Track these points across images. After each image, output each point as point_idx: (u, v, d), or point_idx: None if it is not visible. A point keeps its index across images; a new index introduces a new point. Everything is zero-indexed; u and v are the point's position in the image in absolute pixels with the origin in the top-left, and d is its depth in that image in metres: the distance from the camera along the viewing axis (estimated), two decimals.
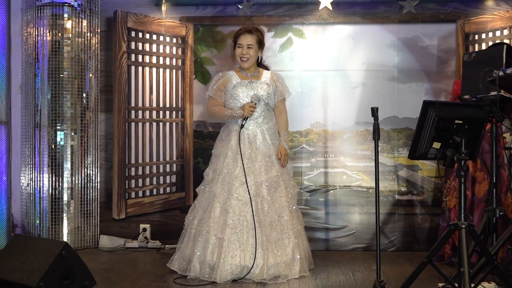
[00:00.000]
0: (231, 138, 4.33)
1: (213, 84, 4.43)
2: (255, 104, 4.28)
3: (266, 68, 4.53)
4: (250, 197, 4.13)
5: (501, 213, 3.67)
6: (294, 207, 4.35)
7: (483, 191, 4.35)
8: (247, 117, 4.27)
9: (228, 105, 4.39)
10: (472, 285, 3.15)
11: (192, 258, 4.14)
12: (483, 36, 5.23)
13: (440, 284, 3.67)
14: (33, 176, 5.23)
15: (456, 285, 3.20)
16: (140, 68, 5.45)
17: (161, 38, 5.48)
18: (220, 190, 4.21)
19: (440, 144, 3.21)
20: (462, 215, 3.22)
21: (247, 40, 4.36)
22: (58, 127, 5.20)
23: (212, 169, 4.35)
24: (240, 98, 4.34)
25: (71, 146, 5.22)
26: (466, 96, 3.87)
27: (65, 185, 5.20)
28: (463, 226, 3.17)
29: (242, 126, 4.27)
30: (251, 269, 4.02)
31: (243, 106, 4.29)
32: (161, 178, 5.51)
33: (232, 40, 4.48)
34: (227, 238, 4.07)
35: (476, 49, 5.19)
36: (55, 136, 5.20)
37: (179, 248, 4.33)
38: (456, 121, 3.20)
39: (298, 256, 4.18)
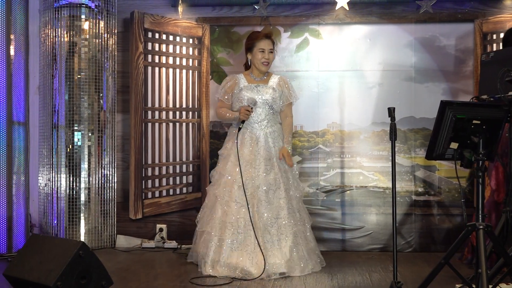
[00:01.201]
0: (235, 141, 4.45)
1: (222, 87, 4.60)
2: (251, 108, 4.38)
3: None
4: (246, 200, 4.25)
5: None
6: (296, 208, 4.44)
7: None
8: (244, 121, 4.38)
9: (234, 107, 4.53)
10: (490, 286, 3.12)
11: (199, 255, 4.39)
12: (501, 35, 5.15)
13: (458, 285, 3.64)
14: (51, 176, 5.27)
15: (474, 286, 3.16)
16: (156, 69, 5.47)
17: (178, 38, 5.49)
18: (222, 192, 4.39)
19: (457, 144, 3.18)
20: (480, 216, 3.19)
21: (269, 45, 4.48)
22: (75, 128, 5.23)
23: (218, 171, 4.53)
24: (245, 101, 4.46)
25: (88, 146, 5.25)
26: (484, 96, 3.83)
27: (82, 185, 5.23)
28: (481, 227, 3.14)
29: (239, 129, 4.39)
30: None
31: (239, 109, 4.41)
32: (178, 178, 5.52)
33: (247, 43, 4.53)
34: (226, 238, 4.25)
35: (494, 49, 5.14)
36: (73, 137, 5.23)
37: (193, 243, 4.60)
38: (474, 121, 3.16)
39: (298, 256, 4.29)
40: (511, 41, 4.16)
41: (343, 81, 5.39)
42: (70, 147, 5.23)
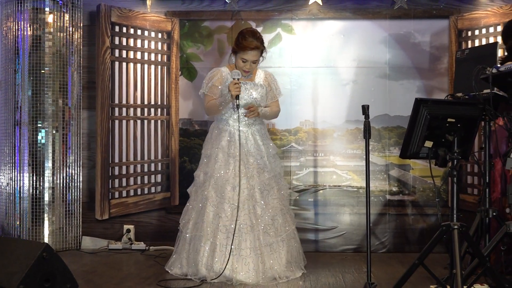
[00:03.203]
0: (222, 139, 4.29)
1: (207, 82, 4.36)
2: (238, 79, 4.17)
3: None
4: (238, 202, 4.10)
5: (494, 214, 3.67)
6: (286, 208, 4.37)
7: None
8: (238, 96, 4.16)
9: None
10: (465, 287, 3.15)
11: (190, 262, 4.16)
12: (476, 32, 5.18)
13: (432, 286, 3.67)
14: (13, 175, 5.16)
15: (448, 287, 3.19)
16: (124, 64, 5.39)
17: (146, 33, 5.41)
18: (213, 194, 4.20)
19: (432, 143, 3.20)
20: (454, 215, 3.21)
21: (254, 56, 4.27)
22: (39, 125, 5.12)
23: (203, 171, 4.32)
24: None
25: (53, 144, 5.14)
26: (459, 94, 3.84)
27: (46, 184, 5.12)
28: (455, 227, 3.17)
29: (237, 106, 4.17)
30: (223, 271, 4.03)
31: (227, 87, 4.20)
32: (146, 177, 5.45)
33: (234, 45, 4.33)
34: (219, 242, 4.08)
35: (469, 46, 5.16)
36: (36, 134, 5.12)
37: (175, 251, 4.34)
38: (449, 120, 3.18)
39: (293, 257, 4.23)
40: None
41: (317, 78, 5.35)
42: (34, 145, 5.13)
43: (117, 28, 5.34)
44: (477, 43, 5.13)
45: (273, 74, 4.54)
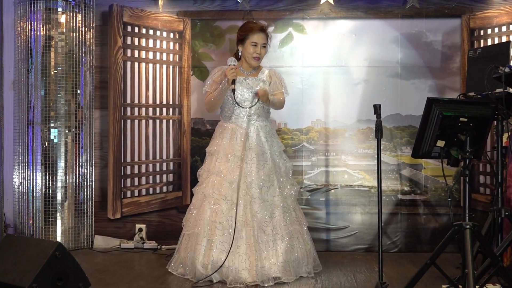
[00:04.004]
0: (224, 136, 4.29)
1: (209, 79, 4.37)
2: (234, 65, 4.14)
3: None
4: (237, 198, 4.07)
5: (507, 213, 3.63)
6: (292, 207, 4.26)
7: None
8: (234, 81, 4.13)
9: (224, 101, 4.30)
10: (477, 287, 3.13)
11: (187, 260, 4.14)
12: (489, 31, 5.15)
13: (444, 286, 3.65)
14: (26, 174, 5.17)
15: (460, 287, 3.18)
16: (136, 64, 5.39)
17: (158, 33, 5.41)
18: (211, 190, 4.17)
19: (444, 142, 3.18)
20: (467, 215, 3.19)
21: (263, 39, 4.28)
22: (51, 125, 5.14)
23: (206, 169, 4.31)
24: (231, 94, 4.23)
25: (65, 144, 5.16)
26: (471, 93, 3.81)
27: (59, 184, 5.13)
28: (467, 226, 3.15)
29: (233, 91, 4.15)
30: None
31: (224, 73, 4.18)
32: (158, 177, 5.44)
33: (239, 34, 4.34)
34: (216, 239, 4.04)
35: (482, 45, 5.12)
36: (49, 134, 5.13)
37: (177, 250, 4.33)
38: (461, 119, 3.16)
39: (294, 258, 4.12)
40: None
41: (328, 77, 5.33)
42: (46, 144, 5.14)
43: (129, 28, 5.34)
44: (489, 42, 5.09)
45: (284, 73, 4.52)
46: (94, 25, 5.34)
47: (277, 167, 4.28)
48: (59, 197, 5.13)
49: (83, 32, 5.23)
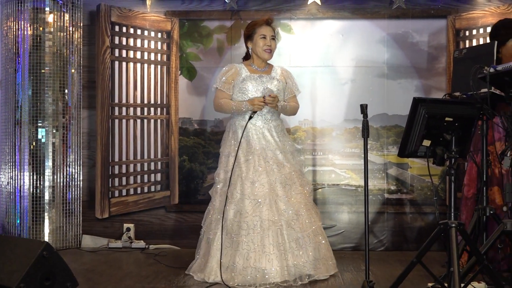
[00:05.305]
0: (239, 136, 4.18)
1: (221, 76, 4.27)
2: (268, 96, 4.09)
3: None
4: (263, 197, 4.00)
5: (491, 212, 3.64)
6: (311, 204, 4.22)
7: None
8: (256, 111, 4.12)
9: (235, 99, 4.23)
10: (462, 285, 3.14)
11: (210, 263, 4.02)
12: (474, 32, 5.19)
13: (430, 284, 3.65)
14: (13, 174, 5.16)
15: (446, 285, 3.18)
16: (124, 64, 5.38)
17: (146, 32, 5.41)
18: (233, 191, 4.07)
19: (430, 141, 3.19)
20: (452, 213, 3.20)
21: (271, 31, 4.27)
22: (39, 124, 5.12)
23: (223, 169, 4.21)
24: (249, 92, 4.19)
25: (53, 143, 5.14)
26: (457, 93, 3.83)
27: (47, 183, 5.12)
28: (453, 225, 3.16)
29: (250, 118, 4.12)
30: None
31: (252, 100, 4.13)
32: (146, 176, 5.44)
33: (247, 31, 4.29)
34: (241, 240, 3.95)
35: (467, 45, 5.16)
36: (36, 133, 5.11)
37: (198, 255, 4.20)
38: (447, 119, 3.17)
39: (322, 255, 4.08)
40: (499, 35, 4.11)
41: (315, 77, 5.35)
42: (34, 144, 5.12)
43: (117, 28, 5.33)
44: (474, 43, 5.13)
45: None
46: (81, 24, 5.32)
47: (293, 165, 4.23)
48: (46, 197, 5.11)
49: (71, 32, 5.22)
